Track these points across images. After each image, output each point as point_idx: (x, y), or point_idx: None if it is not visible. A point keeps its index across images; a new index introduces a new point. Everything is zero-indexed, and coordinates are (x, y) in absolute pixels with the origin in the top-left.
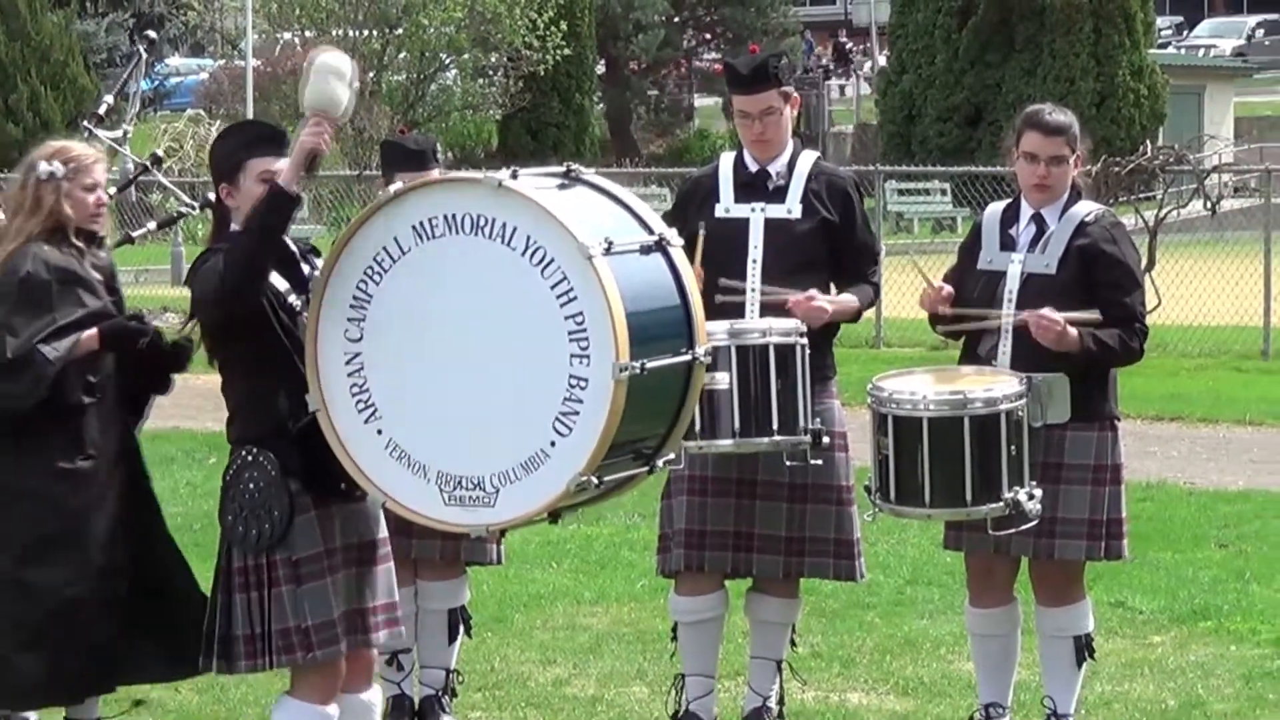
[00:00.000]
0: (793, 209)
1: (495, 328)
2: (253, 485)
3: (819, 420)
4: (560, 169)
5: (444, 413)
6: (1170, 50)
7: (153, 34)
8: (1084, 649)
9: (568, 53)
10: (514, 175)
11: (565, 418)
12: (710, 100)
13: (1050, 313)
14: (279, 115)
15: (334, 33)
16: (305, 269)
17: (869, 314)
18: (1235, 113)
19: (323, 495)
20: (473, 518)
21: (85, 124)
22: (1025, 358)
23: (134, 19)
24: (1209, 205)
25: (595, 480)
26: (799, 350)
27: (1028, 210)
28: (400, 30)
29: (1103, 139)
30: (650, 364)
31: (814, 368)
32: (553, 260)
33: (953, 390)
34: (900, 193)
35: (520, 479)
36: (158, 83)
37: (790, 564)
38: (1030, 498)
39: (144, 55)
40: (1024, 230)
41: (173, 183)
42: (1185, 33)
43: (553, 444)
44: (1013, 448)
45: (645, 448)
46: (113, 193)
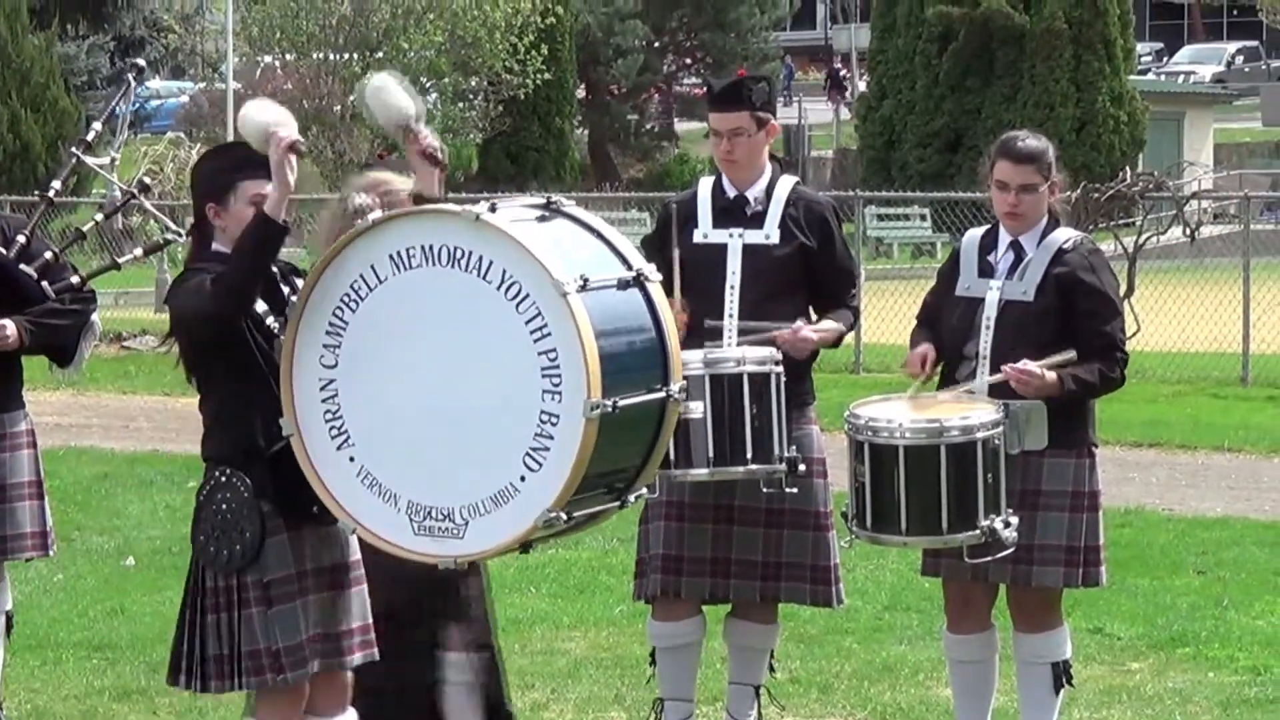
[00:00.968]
0: (771, 234)
1: (469, 360)
2: (225, 506)
3: (795, 447)
4: (540, 200)
5: (416, 442)
6: (1150, 77)
7: (141, 62)
8: (1062, 675)
9: (548, 77)
10: (492, 208)
11: (535, 453)
12: (691, 125)
13: (1027, 365)
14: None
15: (314, 56)
16: (285, 290)
17: (848, 339)
18: (1215, 139)
19: (295, 518)
20: (441, 548)
21: (73, 150)
22: (1003, 385)
23: (115, 42)
24: (1188, 232)
25: (564, 516)
26: (774, 378)
27: (1006, 237)
28: (381, 54)
29: (1082, 165)
30: (623, 402)
31: (793, 393)
32: (528, 295)
33: (929, 418)
34: (880, 218)
35: (490, 512)
36: (138, 106)
37: (767, 588)
38: (1006, 525)
39: (132, 83)
40: (1002, 257)
41: (154, 205)
42: (1165, 59)
43: (522, 479)
44: (989, 475)
45: (618, 482)
46: (99, 219)
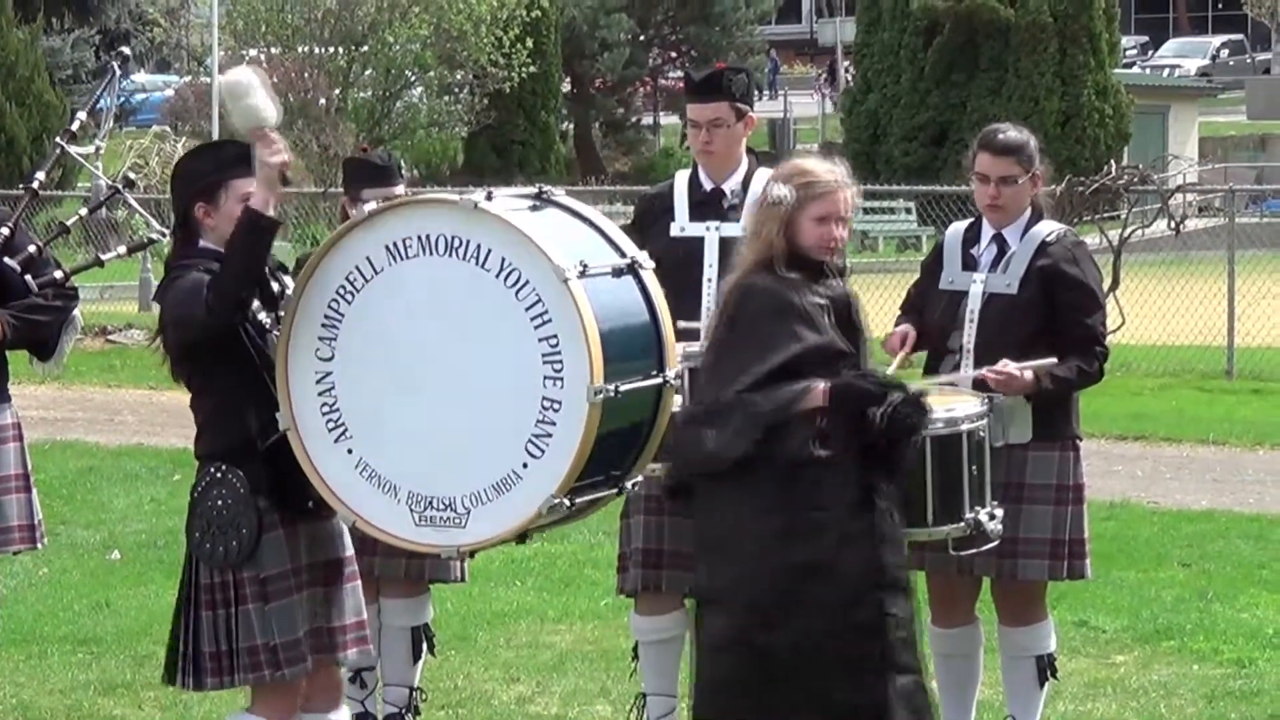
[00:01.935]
0: (747, 227)
1: (468, 349)
2: (221, 502)
3: None
4: (531, 190)
5: (415, 433)
6: (1135, 70)
7: (126, 50)
8: (1047, 668)
9: (533, 70)
10: (489, 196)
11: (538, 440)
12: (675, 119)
13: (1006, 365)
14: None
15: (299, 49)
16: (275, 286)
17: None
18: (1200, 132)
19: (291, 513)
20: (444, 538)
21: (58, 140)
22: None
23: (100, 35)
24: (1173, 225)
25: (568, 502)
26: None
27: (989, 230)
28: (366, 48)
29: (1067, 158)
30: (624, 386)
31: None
32: (528, 282)
33: None
34: (865, 211)
35: (492, 500)
36: (123, 99)
37: None
38: (991, 518)
39: (117, 72)
40: (985, 250)
41: (138, 200)
42: (1150, 53)
43: (525, 465)
44: (974, 468)
45: (616, 470)
46: (83, 214)
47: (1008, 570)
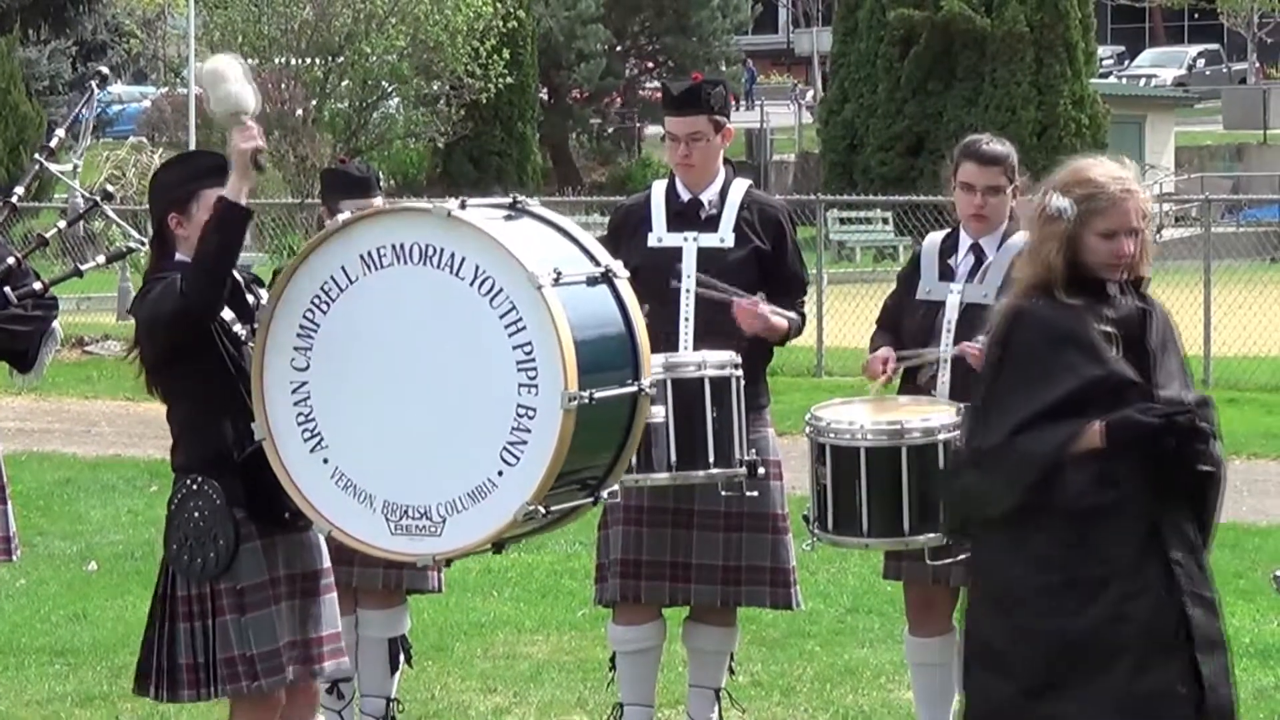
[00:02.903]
0: (726, 238)
1: (443, 357)
2: (197, 514)
3: (754, 450)
4: (506, 200)
5: (391, 442)
6: (1111, 80)
7: (105, 69)
8: None
9: (510, 81)
10: (463, 205)
11: (513, 447)
12: (653, 129)
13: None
14: (221, 143)
15: (276, 60)
16: (250, 298)
17: (810, 342)
18: (1176, 142)
19: (267, 524)
20: (419, 547)
21: (36, 156)
22: (964, 387)
23: (77, 46)
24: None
25: (543, 510)
26: (734, 382)
27: (966, 240)
28: (342, 59)
29: (1044, 168)
30: (598, 394)
31: (748, 396)
32: (501, 290)
33: (890, 420)
34: (842, 221)
35: (467, 508)
36: (100, 110)
37: (728, 593)
38: None
39: (95, 90)
40: (963, 260)
41: (116, 211)
42: (1126, 62)
43: (500, 473)
44: None
45: (591, 478)
46: (62, 226)
47: None
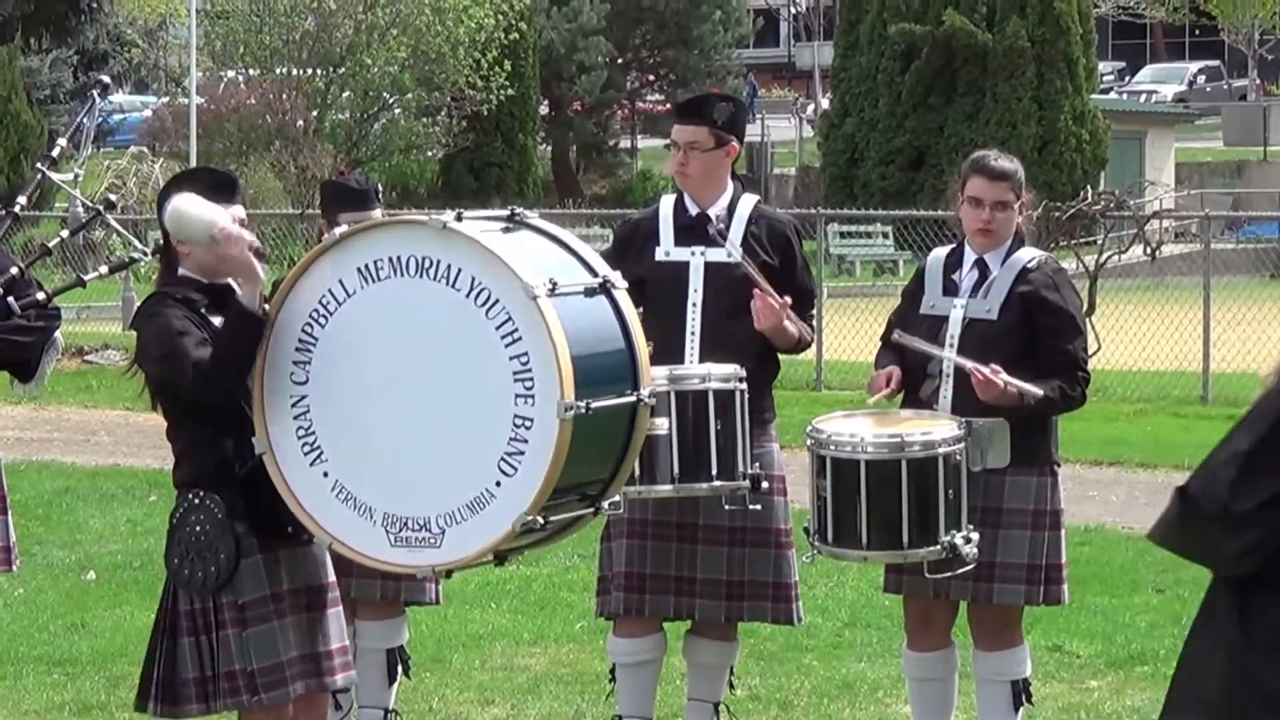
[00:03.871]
0: (733, 253)
1: (440, 369)
2: (199, 528)
3: (758, 465)
4: (504, 213)
5: (390, 454)
6: (1112, 95)
7: (106, 79)
8: (1021, 693)
9: (511, 93)
10: (459, 217)
11: (510, 458)
12: (653, 142)
13: (999, 373)
14: (222, 153)
15: (278, 71)
16: None
17: (810, 357)
18: (1176, 158)
19: (269, 539)
20: (419, 559)
21: (38, 166)
22: (966, 402)
23: (78, 56)
24: (1149, 251)
25: (541, 521)
26: (738, 395)
27: (971, 255)
28: (344, 69)
29: (1044, 183)
30: (595, 404)
31: (753, 411)
32: (498, 301)
33: (891, 433)
34: (842, 235)
35: (466, 519)
36: (101, 120)
37: (731, 608)
38: (967, 541)
39: (97, 100)
40: (967, 275)
41: (117, 220)
42: (1127, 78)
43: (498, 484)
44: (950, 491)
45: (591, 489)
46: (64, 236)
47: (984, 594)
